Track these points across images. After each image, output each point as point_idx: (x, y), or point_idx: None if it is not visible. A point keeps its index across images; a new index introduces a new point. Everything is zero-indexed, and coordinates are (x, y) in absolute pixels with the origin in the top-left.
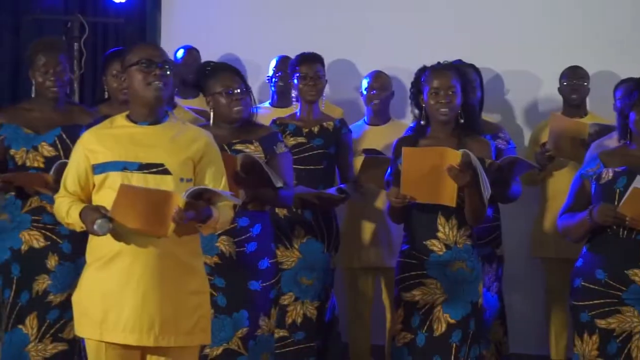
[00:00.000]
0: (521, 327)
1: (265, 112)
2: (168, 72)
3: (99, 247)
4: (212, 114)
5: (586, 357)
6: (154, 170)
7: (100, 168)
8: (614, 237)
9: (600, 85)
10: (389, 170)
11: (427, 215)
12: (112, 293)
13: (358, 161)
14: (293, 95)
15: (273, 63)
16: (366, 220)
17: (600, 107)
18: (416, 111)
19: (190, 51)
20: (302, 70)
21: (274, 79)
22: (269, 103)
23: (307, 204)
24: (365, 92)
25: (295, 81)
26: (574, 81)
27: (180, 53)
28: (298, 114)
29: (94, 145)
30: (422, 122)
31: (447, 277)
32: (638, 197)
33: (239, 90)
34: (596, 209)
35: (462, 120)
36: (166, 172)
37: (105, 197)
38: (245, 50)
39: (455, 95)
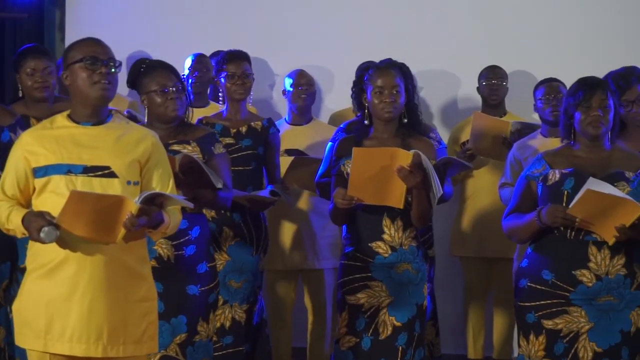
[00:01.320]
0: (445, 327)
1: None
2: (113, 70)
3: (42, 254)
4: (146, 113)
5: (532, 357)
6: (100, 173)
7: (41, 171)
8: (561, 238)
9: (518, 84)
10: (320, 171)
11: (372, 216)
12: (56, 302)
13: (282, 161)
14: (220, 94)
15: (188, 62)
16: (289, 221)
17: (518, 106)
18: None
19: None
20: (229, 69)
21: (190, 79)
22: None
23: (236, 206)
24: (291, 89)
25: (222, 80)
26: (493, 81)
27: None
28: (225, 113)
29: (34, 147)
30: (365, 122)
31: (392, 279)
32: (590, 198)
33: (174, 89)
34: (545, 210)
35: (405, 120)
36: (112, 175)
37: (46, 202)
38: (155, 48)
39: (400, 95)
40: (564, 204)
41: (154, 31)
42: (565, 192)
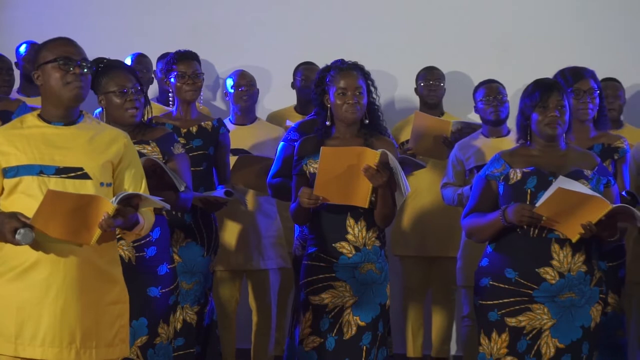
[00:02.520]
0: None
1: None
2: (86, 70)
3: (13, 256)
4: (104, 113)
5: (494, 355)
6: (73, 174)
7: (12, 171)
8: (523, 236)
9: (455, 85)
10: (272, 171)
11: (336, 216)
12: (28, 305)
13: None
14: (170, 93)
15: (127, 62)
16: (234, 221)
17: (454, 106)
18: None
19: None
20: (180, 69)
21: None
22: None
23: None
24: (232, 91)
25: (172, 80)
26: (431, 82)
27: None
28: (175, 113)
29: (4, 146)
30: (327, 123)
31: (356, 279)
32: (560, 196)
33: (133, 90)
34: (511, 209)
35: (367, 121)
36: (86, 176)
37: (16, 203)
38: (92, 48)
39: (362, 96)
40: (527, 203)
41: (89, 30)
42: (529, 191)
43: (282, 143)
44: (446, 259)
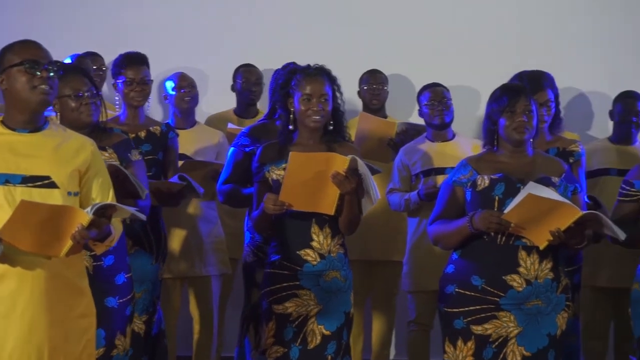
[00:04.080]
0: None
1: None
2: (52, 74)
3: None
4: (59, 118)
5: None
6: (40, 183)
7: None
8: (490, 243)
9: (398, 88)
10: (223, 177)
11: (300, 223)
12: None
13: None
14: (116, 98)
15: (68, 61)
16: (175, 227)
17: (397, 109)
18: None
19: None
20: (128, 75)
21: None
22: None
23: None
24: (173, 93)
25: (120, 85)
26: (374, 85)
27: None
28: (122, 117)
29: None
30: (290, 127)
31: (321, 287)
32: (530, 203)
33: (89, 94)
34: (478, 215)
35: (331, 127)
36: (53, 185)
37: None
38: None
39: (328, 103)
40: (495, 209)
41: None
42: (497, 198)
43: (232, 148)
44: (388, 263)
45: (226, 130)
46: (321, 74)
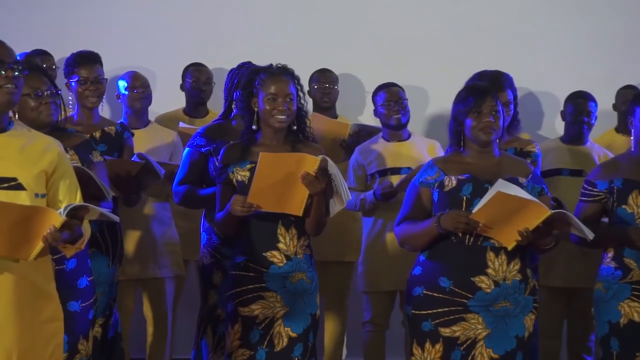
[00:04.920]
0: None
1: None
2: (17, 73)
3: None
4: (16, 118)
5: None
6: (6, 185)
7: None
8: (458, 244)
9: (347, 88)
10: (178, 178)
11: (266, 224)
12: None
13: None
14: (70, 98)
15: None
16: (130, 229)
17: (347, 108)
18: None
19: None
20: (81, 74)
21: None
22: None
23: None
24: (126, 93)
25: (73, 84)
26: (325, 84)
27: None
28: (75, 117)
29: None
30: (254, 127)
31: (287, 289)
32: (499, 201)
33: (48, 93)
34: (446, 215)
35: (295, 127)
36: (20, 187)
37: None
38: None
39: (293, 103)
40: (463, 210)
41: None
42: (464, 198)
43: (187, 149)
44: (340, 264)
45: (177, 129)
46: (285, 74)
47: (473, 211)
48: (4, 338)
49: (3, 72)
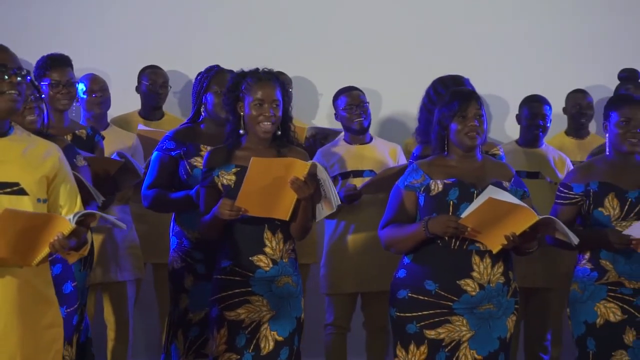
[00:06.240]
0: None
1: None
2: (20, 79)
3: None
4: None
5: None
6: (9, 190)
7: None
8: (444, 248)
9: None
10: (148, 181)
11: (253, 228)
12: None
13: None
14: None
15: None
16: (94, 233)
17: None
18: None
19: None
20: (53, 77)
21: None
22: None
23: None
24: (84, 96)
25: (45, 87)
26: None
27: None
28: (46, 121)
29: None
30: (241, 132)
31: (273, 293)
32: (490, 207)
33: (32, 97)
34: (434, 220)
35: (279, 132)
36: (22, 192)
37: None
38: None
39: (279, 109)
40: (450, 214)
41: None
42: (451, 202)
43: (156, 152)
44: (303, 266)
45: (135, 131)
46: (272, 79)
47: (462, 216)
48: (8, 343)
49: (6, 77)
